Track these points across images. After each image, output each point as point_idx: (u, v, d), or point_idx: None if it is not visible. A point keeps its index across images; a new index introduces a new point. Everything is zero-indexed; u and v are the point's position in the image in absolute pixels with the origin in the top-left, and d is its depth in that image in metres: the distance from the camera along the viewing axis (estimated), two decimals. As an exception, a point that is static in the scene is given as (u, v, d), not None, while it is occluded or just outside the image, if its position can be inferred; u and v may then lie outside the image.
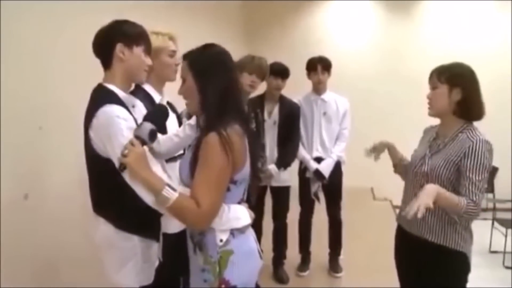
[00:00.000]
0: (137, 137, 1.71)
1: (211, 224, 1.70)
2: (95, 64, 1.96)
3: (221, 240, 1.72)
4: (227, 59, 1.79)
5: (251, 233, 1.84)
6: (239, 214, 1.77)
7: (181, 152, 2.23)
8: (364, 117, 5.62)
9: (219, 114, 1.69)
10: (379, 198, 6.30)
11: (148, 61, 1.98)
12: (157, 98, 2.34)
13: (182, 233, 2.09)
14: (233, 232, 1.74)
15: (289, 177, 3.71)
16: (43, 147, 2.69)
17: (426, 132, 2.44)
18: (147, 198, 1.70)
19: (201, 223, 1.68)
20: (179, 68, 2.40)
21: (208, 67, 1.74)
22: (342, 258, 4.14)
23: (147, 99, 2.25)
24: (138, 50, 1.92)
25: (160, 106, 2.05)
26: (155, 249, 2.05)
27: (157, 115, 1.85)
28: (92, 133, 1.81)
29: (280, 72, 3.53)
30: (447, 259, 2.21)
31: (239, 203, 1.80)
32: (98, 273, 3.29)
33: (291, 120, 3.65)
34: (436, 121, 2.32)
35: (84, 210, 2.85)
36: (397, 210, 5.54)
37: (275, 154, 3.61)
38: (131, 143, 1.68)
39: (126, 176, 1.71)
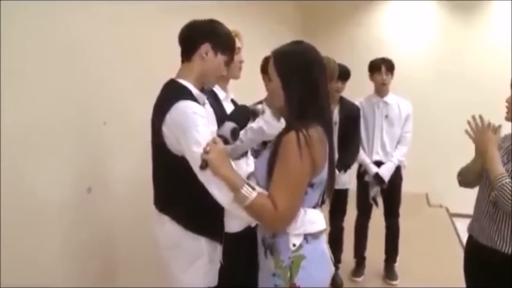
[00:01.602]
0: (220, 136, 1.70)
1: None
2: (153, 61, 1.94)
3: (294, 245, 1.67)
4: (314, 57, 1.72)
5: (324, 238, 1.79)
6: (314, 219, 1.72)
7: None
8: (423, 121, 5.45)
9: (301, 114, 1.65)
10: (434, 204, 6.10)
11: (224, 71, 1.98)
12: (221, 95, 2.33)
13: (242, 233, 2.06)
14: (307, 237, 1.69)
15: (349, 180, 3.64)
16: (106, 142, 2.75)
17: (504, 140, 2.27)
18: (221, 197, 1.67)
19: (277, 225, 1.66)
20: (243, 65, 2.41)
21: (292, 64, 1.68)
22: (398, 265, 4.03)
23: (212, 96, 2.24)
24: (221, 58, 1.92)
25: (243, 106, 2.02)
26: (219, 251, 2.03)
27: (239, 115, 1.84)
28: (165, 129, 1.79)
29: (341, 73, 3.46)
30: None
31: (314, 207, 1.75)
32: (157, 273, 3.41)
33: (351, 122, 3.57)
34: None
35: (145, 208, 2.93)
36: (454, 218, 5.39)
37: (335, 156, 3.54)
38: (214, 141, 1.66)
39: (201, 175, 1.69)
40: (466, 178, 2.36)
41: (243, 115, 1.89)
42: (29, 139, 2.20)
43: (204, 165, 1.65)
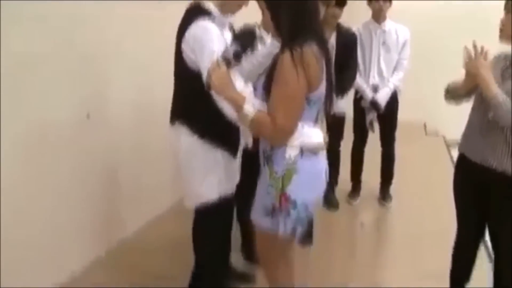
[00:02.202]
0: (223, 58, 1.78)
1: None
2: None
3: (289, 156, 1.78)
4: None
5: (322, 155, 1.89)
6: (311, 133, 1.82)
7: None
8: (420, 49, 5.42)
9: (293, 35, 1.72)
10: (432, 133, 6.21)
11: (246, 3, 2.07)
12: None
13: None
14: (303, 151, 1.79)
15: (345, 106, 3.72)
16: (103, 70, 2.84)
17: (497, 60, 2.27)
18: (231, 113, 1.81)
19: (278, 139, 1.78)
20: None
21: None
22: (393, 188, 4.19)
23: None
24: None
25: (246, 27, 2.08)
26: (236, 165, 2.15)
27: (243, 37, 1.89)
28: (184, 46, 1.94)
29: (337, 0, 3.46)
30: None
31: (311, 123, 1.84)
32: (158, 198, 3.47)
33: (348, 48, 3.60)
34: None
35: (144, 134, 2.97)
36: (451, 148, 5.48)
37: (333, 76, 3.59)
38: (217, 63, 1.76)
39: (212, 92, 1.81)
40: (454, 93, 2.36)
41: (247, 36, 1.94)
42: (31, 65, 2.29)
43: (208, 86, 1.77)
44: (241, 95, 1.75)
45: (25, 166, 2.35)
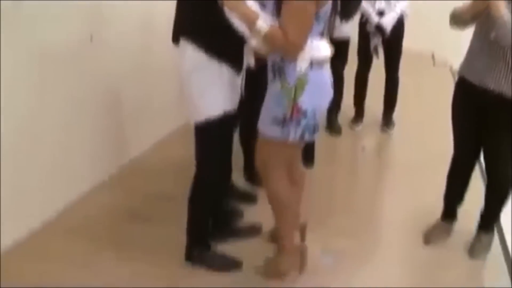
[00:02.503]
0: None
1: None
2: None
3: (300, 68, 1.88)
4: None
5: (327, 68, 2.01)
6: (320, 46, 1.93)
7: None
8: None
9: None
10: (440, 63, 6.12)
11: None
12: None
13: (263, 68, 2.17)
14: (312, 64, 1.90)
15: (350, 30, 3.67)
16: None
17: None
18: (243, 29, 1.86)
19: (290, 52, 1.86)
20: None
21: None
22: (395, 115, 4.21)
23: None
24: None
25: None
26: (239, 82, 2.17)
27: None
28: None
29: None
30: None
31: (319, 37, 1.93)
32: (162, 119, 3.46)
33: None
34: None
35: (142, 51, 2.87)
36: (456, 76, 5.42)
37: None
38: None
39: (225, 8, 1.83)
40: (460, 17, 2.36)
41: None
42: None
43: (221, 4, 1.82)
44: (254, 11, 1.81)
45: (26, 90, 2.36)
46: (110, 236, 2.58)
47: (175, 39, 2.11)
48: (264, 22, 1.80)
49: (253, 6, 1.83)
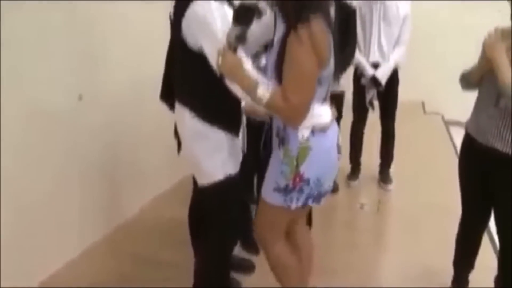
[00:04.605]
0: (227, 42, 1.74)
1: None
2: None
3: (302, 136, 1.80)
4: None
5: (333, 131, 1.90)
6: (321, 112, 1.84)
7: None
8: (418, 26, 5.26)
9: (300, 9, 1.66)
10: (430, 112, 6.09)
11: None
12: None
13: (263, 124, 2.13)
14: (314, 130, 1.81)
15: (344, 83, 3.55)
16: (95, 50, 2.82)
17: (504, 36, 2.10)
18: (243, 96, 1.84)
19: (293, 119, 1.77)
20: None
21: None
22: (393, 170, 4.08)
23: None
24: None
25: (242, 4, 1.94)
26: (239, 142, 2.16)
27: (241, 15, 1.78)
28: (184, 24, 1.86)
29: None
30: None
31: (321, 102, 1.85)
32: (157, 177, 3.47)
33: (347, 23, 3.42)
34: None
35: (137, 108, 2.90)
36: (449, 126, 5.41)
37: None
38: (223, 50, 1.74)
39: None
40: (468, 80, 2.29)
41: (244, 13, 1.82)
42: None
43: (220, 74, 1.79)
44: (253, 79, 1.75)
45: (21, 151, 2.37)
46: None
47: (166, 98, 2.14)
48: (264, 88, 1.72)
49: (252, 71, 1.77)
